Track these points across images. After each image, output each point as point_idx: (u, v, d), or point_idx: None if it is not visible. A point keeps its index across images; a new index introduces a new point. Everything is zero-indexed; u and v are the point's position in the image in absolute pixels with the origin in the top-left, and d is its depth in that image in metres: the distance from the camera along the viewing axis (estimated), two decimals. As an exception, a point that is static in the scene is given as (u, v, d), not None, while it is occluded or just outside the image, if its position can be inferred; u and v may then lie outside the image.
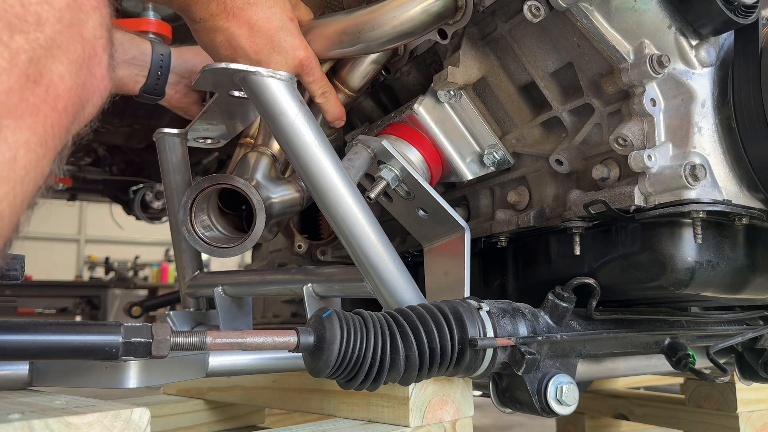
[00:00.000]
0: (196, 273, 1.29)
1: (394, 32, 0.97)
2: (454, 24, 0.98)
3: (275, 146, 1.16)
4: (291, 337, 0.72)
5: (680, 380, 1.77)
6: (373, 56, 1.13)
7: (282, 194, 1.11)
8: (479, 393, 1.07)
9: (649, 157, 0.85)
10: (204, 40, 0.96)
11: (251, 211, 1.02)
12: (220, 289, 1.21)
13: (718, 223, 0.89)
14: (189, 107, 1.40)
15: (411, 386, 0.84)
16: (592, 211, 0.89)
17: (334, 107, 1.06)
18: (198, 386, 1.30)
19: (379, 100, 1.28)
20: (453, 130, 1.08)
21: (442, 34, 1.01)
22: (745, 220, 0.88)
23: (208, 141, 1.20)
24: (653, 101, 0.88)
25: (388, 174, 0.98)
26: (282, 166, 1.17)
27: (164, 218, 3.64)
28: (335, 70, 1.17)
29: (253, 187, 1.02)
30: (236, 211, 1.12)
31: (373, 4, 0.99)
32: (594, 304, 0.89)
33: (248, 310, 1.26)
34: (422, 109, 1.05)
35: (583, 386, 1.78)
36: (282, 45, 0.95)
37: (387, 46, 1.02)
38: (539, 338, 0.82)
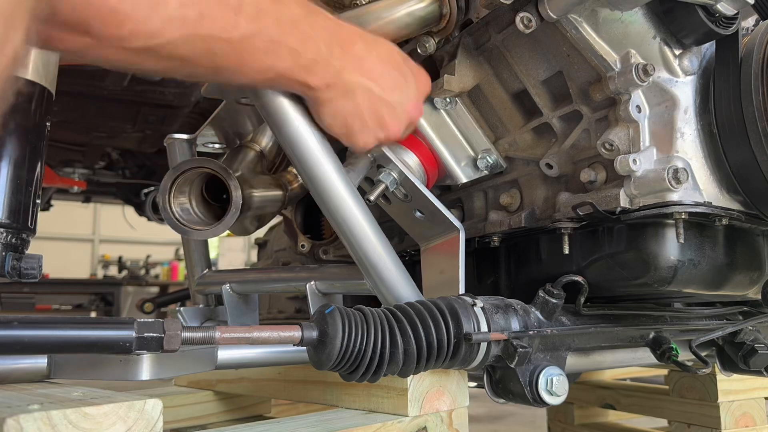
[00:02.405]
0: (205, 271, 1.29)
1: (379, 33, 0.96)
2: (438, 32, 0.98)
3: (263, 142, 1.15)
4: (295, 332, 0.72)
5: (664, 372, 1.77)
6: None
7: (263, 188, 1.10)
8: (474, 384, 1.07)
9: (634, 161, 0.85)
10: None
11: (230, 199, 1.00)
12: (227, 286, 1.21)
13: (700, 223, 0.89)
14: None
15: (409, 378, 0.84)
16: (581, 213, 0.89)
17: None
18: (207, 378, 1.30)
19: (378, 107, 1.28)
20: (449, 135, 1.08)
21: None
22: (724, 221, 0.89)
23: (216, 146, 1.20)
24: (638, 108, 0.88)
25: (386, 177, 0.98)
26: (269, 164, 1.16)
27: (174, 219, 3.63)
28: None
29: (231, 173, 1.00)
30: (219, 203, 1.11)
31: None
32: (582, 300, 0.89)
33: (255, 306, 1.26)
34: (419, 116, 1.05)
35: (572, 378, 1.78)
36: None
37: None
38: (530, 333, 0.82)
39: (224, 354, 1.01)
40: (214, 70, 0.73)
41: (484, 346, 0.79)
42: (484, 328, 0.80)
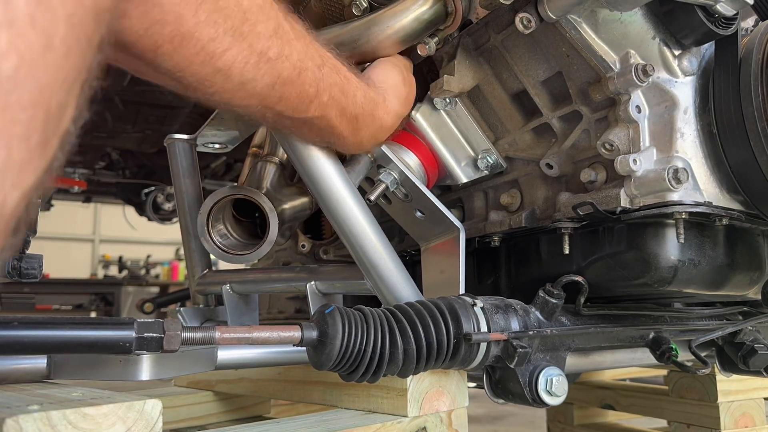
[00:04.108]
0: (205, 271, 1.29)
1: (388, 42, 0.96)
2: (445, 29, 0.98)
3: (283, 154, 1.16)
4: (295, 332, 0.72)
5: (664, 372, 1.77)
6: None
7: (292, 200, 1.11)
8: (474, 385, 1.07)
9: (635, 161, 0.85)
10: None
11: (264, 218, 1.02)
12: (227, 286, 1.21)
13: (700, 223, 0.89)
14: None
15: (409, 378, 0.84)
16: (581, 212, 0.89)
17: None
18: (207, 379, 1.30)
19: (378, 107, 1.28)
20: (449, 135, 1.08)
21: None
22: (725, 221, 0.88)
23: (216, 146, 1.20)
24: (638, 108, 0.88)
25: (387, 177, 0.98)
26: (290, 173, 1.17)
27: (174, 219, 3.64)
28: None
29: (264, 195, 1.02)
30: (250, 218, 1.13)
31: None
32: (582, 300, 0.89)
33: (254, 306, 1.26)
34: (419, 116, 1.05)
35: (572, 378, 1.78)
36: None
37: (382, 55, 1.01)
38: (530, 333, 0.82)
39: (224, 354, 1.01)
40: (273, 127, 0.83)
41: (483, 346, 0.79)
42: (483, 328, 0.79)
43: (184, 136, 1.22)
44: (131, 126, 2.67)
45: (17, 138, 0.35)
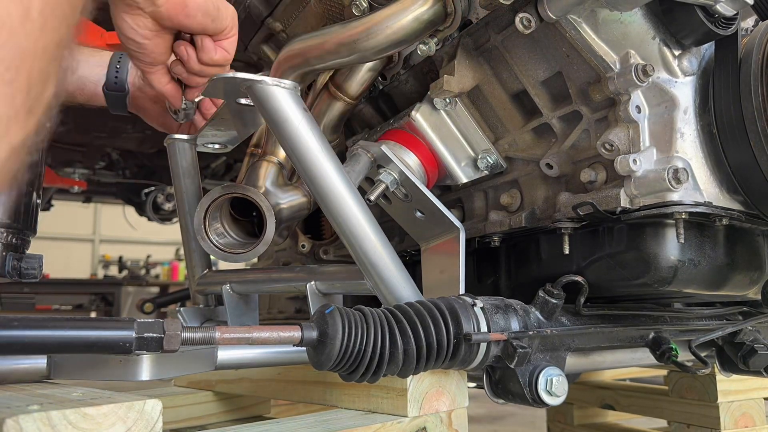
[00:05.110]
0: (205, 271, 1.29)
1: (387, 41, 0.96)
2: (444, 30, 0.98)
3: (281, 154, 1.16)
4: (295, 332, 0.72)
5: (664, 372, 1.77)
6: (369, 64, 1.13)
7: (290, 200, 1.11)
8: (474, 385, 1.07)
9: (635, 161, 0.85)
10: None
11: (262, 217, 1.02)
12: (227, 286, 1.21)
13: (700, 223, 0.89)
14: (151, 110, 1.33)
15: (409, 378, 0.84)
16: (581, 213, 0.89)
17: None
18: (207, 379, 1.30)
19: (378, 107, 1.28)
20: (449, 135, 1.08)
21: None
22: (725, 221, 0.88)
23: (216, 146, 1.20)
24: (638, 108, 0.88)
25: (387, 177, 0.98)
26: (288, 173, 1.17)
27: (175, 219, 3.65)
28: (333, 79, 1.17)
29: (262, 194, 1.02)
30: (248, 217, 1.13)
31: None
32: (582, 300, 0.89)
33: (255, 306, 1.26)
34: (419, 116, 1.05)
35: (572, 378, 1.78)
36: None
37: (382, 55, 1.01)
38: (530, 333, 0.82)
39: (224, 354, 1.01)
40: None
41: (483, 346, 0.79)
42: (483, 328, 0.79)
43: (184, 136, 1.21)
44: (131, 126, 2.66)
45: (2, 95, 0.40)
